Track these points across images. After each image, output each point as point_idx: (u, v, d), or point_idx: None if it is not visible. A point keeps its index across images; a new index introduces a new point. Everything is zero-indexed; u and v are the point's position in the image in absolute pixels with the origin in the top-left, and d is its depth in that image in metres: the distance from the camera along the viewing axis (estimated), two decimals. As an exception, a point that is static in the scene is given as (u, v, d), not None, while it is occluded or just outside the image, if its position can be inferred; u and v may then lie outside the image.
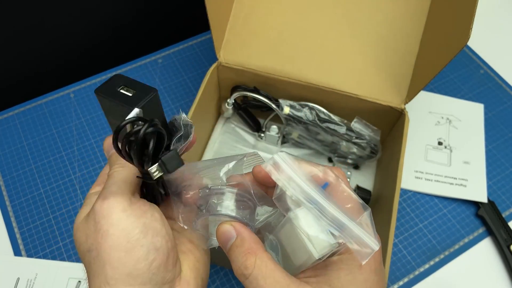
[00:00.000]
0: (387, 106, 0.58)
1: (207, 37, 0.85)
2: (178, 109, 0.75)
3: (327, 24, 0.62)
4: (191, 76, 0.79)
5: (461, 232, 0.64)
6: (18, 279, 0.58)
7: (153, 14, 0.89)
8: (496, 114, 0.76)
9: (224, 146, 0.68)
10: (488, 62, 0.83)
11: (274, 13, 0.63)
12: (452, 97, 0.77)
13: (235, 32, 0.63)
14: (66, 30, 0.80)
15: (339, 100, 0.61)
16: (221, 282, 0.58)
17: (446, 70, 0.81)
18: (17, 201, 0.65)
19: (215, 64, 0.62)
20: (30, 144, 0.70)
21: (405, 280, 0.59)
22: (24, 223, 0.63)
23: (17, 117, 0.73)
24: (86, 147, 0.70)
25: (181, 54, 0.82)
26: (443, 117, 0.75)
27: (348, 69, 0.60)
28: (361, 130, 0.58)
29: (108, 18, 0.83)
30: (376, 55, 0.60)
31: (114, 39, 0.88)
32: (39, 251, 0.61)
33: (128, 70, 0.80)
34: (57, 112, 0.74)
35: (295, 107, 0.60)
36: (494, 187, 0.68)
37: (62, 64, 0.85)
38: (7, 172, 0.67)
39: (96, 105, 0.75)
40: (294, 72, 0.61)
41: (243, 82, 0.64)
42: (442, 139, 0.72)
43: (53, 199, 0.65)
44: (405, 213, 0.65)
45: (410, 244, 0.62)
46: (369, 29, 0.61)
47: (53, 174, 0.67)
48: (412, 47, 0.59)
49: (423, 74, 0.56)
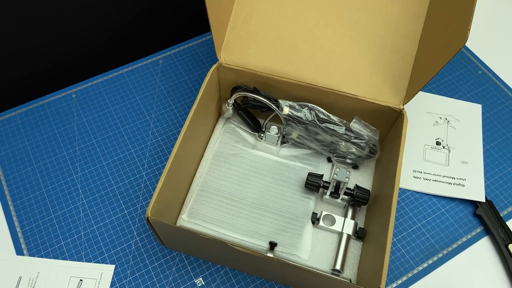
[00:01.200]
0: (385, 107, 0.59)
1: (207, 38, 0.85)
2: (178, 109, 0.75)
3: (327, 25, 0.62)
4: (191, 76, 0.80)
5: (459, 231, 0.64)
6: (20, 278, 0.59)
7: (154, 15, 0.89)
8: (493, 114, 0.76)
9: (224, 146, 0.69)
10: (486, 63, 0.83)
11: (274, 14, 0.64)
12: (450, 97, 0.78)
13: (235, 33, 0.64)
14: (68, 31, 0.80)
15: (338, 101, 0.61)
16: (221, 281, 0.59)
17: (444, 71, 0.82)
18: (19, 201, 0.65)
19: (216, 64, 0.62)
20: (32, 144, 0.71)
21: (404, 278, 0.60)
22: (26, 222, 0.63)
23: (19, 117, 0.74)
24: (87, 147, 0.71)
25: (182, 55, 0.83)
26: (441, 117, 0.75)
27: (347, 69, 0.61)
28: (360, 130, 0.59)
29: (110, 19, 0.84)
30: (375, 56, 0.61)
31: (115, 40, 0.89)
32: (41, 250, 0.61)
33: (129, 70, 0.80)
34: (59, 112, 0.75)
35: (294, 108, 0.61)
36: (492, 187, 0.68)
37: (64, 64, 0.86)
38: (9, 172, 0.68)
39: (98, 105, 0.76)
40: (294, 73, 0.61)
41: (243, 82, 0.65)
42: (440, 139, 0.73)
43: (55, 199, 0.65)
44: (403, 213, 0.65)
45: (408, 243, 0.63)
46: (368, 30, 0.62)
47: (55, 174, 0.68)
48: (410, 48, 0.60)
49: (421, 74, 0.56)
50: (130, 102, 0.76)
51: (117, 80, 0.79)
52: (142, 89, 0.78)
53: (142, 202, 0.66)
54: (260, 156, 0.68)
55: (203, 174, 0.66)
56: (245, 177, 0.65)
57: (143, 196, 0.66)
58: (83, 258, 0.61)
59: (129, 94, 0.77)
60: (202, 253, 0.59)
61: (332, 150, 0.65)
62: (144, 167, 0.69)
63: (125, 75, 0.80)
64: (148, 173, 0.68)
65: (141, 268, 0.60)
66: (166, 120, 0.74)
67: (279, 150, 0.69)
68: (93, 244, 0.62)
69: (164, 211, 0.55)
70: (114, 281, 0.59)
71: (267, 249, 0.59)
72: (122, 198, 0.66)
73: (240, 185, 0.65)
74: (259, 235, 0.60)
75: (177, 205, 0.62)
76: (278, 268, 0.52)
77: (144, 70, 0.81)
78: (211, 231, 0.61)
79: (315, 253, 0.60)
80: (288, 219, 0.62)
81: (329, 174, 0.67)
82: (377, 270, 0.48)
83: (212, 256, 0.59)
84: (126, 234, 0.63)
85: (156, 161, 0.70)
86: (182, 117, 0.75)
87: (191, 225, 0.61)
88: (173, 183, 0.56)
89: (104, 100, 0.76)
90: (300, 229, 0.61)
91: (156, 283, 0.59)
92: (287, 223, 0.62)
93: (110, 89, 0.78)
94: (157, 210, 0.51)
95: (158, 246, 0.62)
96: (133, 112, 0.75)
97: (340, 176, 0.59)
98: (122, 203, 0.65)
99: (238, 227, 0.61)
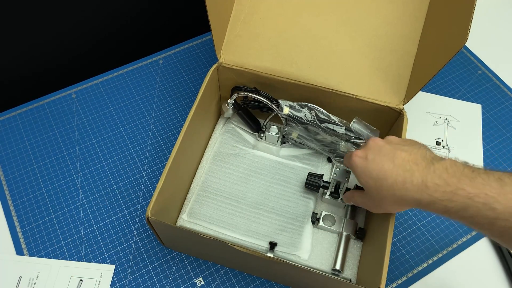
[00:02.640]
0: (385, 107, 0.59)
1: (207, 38, 0.85)
2: (178, 109, 0.75)
3: (327, 25, 0.62)
4: (191, 76, 0.80)
5: (459, 231, 0.64)
6: (20, 278, 0.59)
7: (154, 15, 0.89)
8: (493, 114, 0.76)
9: (224, 146, 0.69)
10: (486, 63, 0.83)
11: (274, 14, 0.64)
12: (450, 97, 0.78)
13: (235, 33, 0.64)
14: (68, 31, 0.80)
15: (338, 101, 0.61)
16: (221, 281, 0.59)
17: (444, 71, 0.82)
18: (19, 201, 0.65)
19: (216, 64, 0.62)
20: (32, 144, 0.71)
21: (404, 278, 0.60)
22: (26, 222, 0.63)
23: (19, 117, 0.74)
24: (87, 147, 0.71)
25: (182, 55, 0.83)
26: (441, 118, 0.75)
27: (347, 70, 0.61)
28: (360, 130, 0.59)
29: (110, 19, 0.84)
30: (375, 56, 0.61)
31: (115, 40, 0.89)
32: (41, 250, 0.61)
33: (130, 70, 0.80)
34: (59, 112, 0.75)
35: (294, 108, 0.61)
36: (491, 187, 0.68)
37: (64, 64, 0.86)
38: (9, 172, 0.68)
39: (98, 105, 0.76)
40: (294, 73, 0.61)
41: (243, 82, 0.65)
42: (440, 139, 0.73)
43: (55, 199, 0.65)
44: (403, 213, 0.65)
45: (408, 243, 0.63)
46: (368, 30, 0.62)
47: (55, 174, 0.68)
48: (410, 48, 0.60)
49: (421, 75, 0.56)
50: (130, 102, 0.76)
51: (117, 80, 0.79)
52: (142, 89, 0.78)
53: (142, 202, 0.66)
54: (260, 156, 0.68)
55: (203, 174, 0.66)
56: (245, 177, 0.65)
57: (143, 196, 0.66)
58: (83, 258, 0.61)
59: (129, 94, 0.77)
60: (202, 253, 0.59)
61: (332, 150, 0.65)
62: (144, 167, 0.69)
63: (125, 75, 0.80)
64: (148, 173, 0.68)
65: (141, 268, 0.60)
66: (166, 120, 0.74)
67: (279, 150, 0.69)
68: (93, 244, 0.62)
69: (164, 211, 0.55)
70: (114, 281, 0.59)
71: (267, 249, 0.59)
72: (122, 198, 0.66)
73: (240, 185, 0.65)
74: (259, 235, 0.60)
75: (177, 205, 0.62)
76: (278, 268, 0.52)
77: (144, 70, 0.81)
78: (211, 231, 0.61)
79: (315, 253, 0.60)
80: (288, 219, 0.62)
81: (329, 174, 0.67)
82: (377, 270, 0.48)
83: (212, 256, 0.59)
84: (126, 234, 0.63)
85: (156, 161, 0.70)
86: (182, 117, 0.75)
87: (191, 225, 0.61)
88: (173, 183, 0.56)
89: (104, 100, 0.76)
90: (300, 229, 0.61)
91: (156, 283, 0.59)
92: (287, 223, 0.62)
93: (110, 89, 0.78)
94: (157, 210, 0.51)
95: (158, 246, 0.62)
96: (133, 112, 0.75)
97: (340, 176, 0.59)
98: (122, 203, 0.65)
99: (238, 227, 0.61)
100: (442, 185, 0.39)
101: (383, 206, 0.47)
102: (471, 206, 0.37)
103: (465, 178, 0.38)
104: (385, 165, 0.43)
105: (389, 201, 0.44)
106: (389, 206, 0.46)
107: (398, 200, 0.43)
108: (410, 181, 0.41)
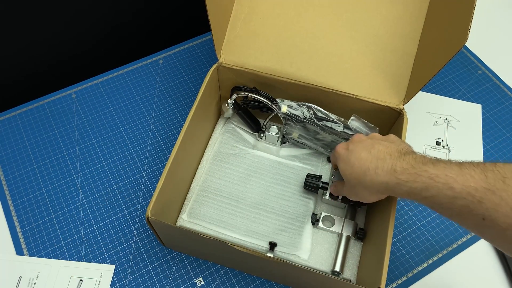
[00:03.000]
0: (385, 107, 0.59)
1: (207, 38, 0.85)
2: (178, 109, 0.75)
3: (327, 25, 0.62)
4: (191, 76, 0.80)
5: (459, 231, 0.64)
6: (20, 278, 0.59)
7: (154, 15, 0.89)
8: (493, 114, 0.76)
9: (224, 146, 0.69)
10: (486, 63, 0.83)
11: (274, 14, 0.64)
12: (450, 97, 0.78)
13: (235, 33, 0.64)
14: (68, 31, 0.80)
15: (338, 101, 0.61)
16: (221, 281, 0.59)
17: (444, 71, 0.82)
18: (19, 201, 0.65)
19: (216, 64, 0.62)
20: (32, 144, 0.71)
21: (404, 278, 0.60)
22: (26, 222, 0.63)
23: (19, 117, 0.74)
24: (87, 147, 0.71)
25: (182, 55, 0.83)
26: (441, 117, 0.75)
27: (347, 69, 0.61)
28: (358, 128, 0.59)
29: (110, 19, 0.84)
30: (375, 56, 0.61)
31: (115, 40, 0.89)
32: (41, 250, 0.61)
33: (130, 70, 0.80)
34: (59, 112, 0.75)
35: (292, 106, 0.61)
36: (492, 187, 0.68)
37: (64, 64, 0.86)
38: (9, 172, 0.68)
39: (98, 105, 0.76)
40: (294, 73, 0.61)
41: (243, 82, 0.65)
42: (440, 139, 0.73)
43: (55, 199, 0.65)
44: (403, 212, 0.65)
45: (408, 243, 0.63)
46: (368, 30, 0.62)
47: (55, 174, 0.68)
48: (410, 48, 0.60)
49: (421, 74, 0.56)
50: (130, 102, 0.76)
51: (117, 80, 0.79)
52: (142, 89, 0.78)
53: (142, 202, 0.66)
54: (260, 156, 0.68)
55: (203, 174, 0.66)
56: (245, 177, 0.65)
57: (143, 196, 0.66)
58: (83, 258, 0.61)
59: (129, 94, 0.77)
60: (202, 253, 0.59)
61: (332, 150, 0.65)
62: (144, 167, 0.69)
63: (125, 75, 0.80)
64: (148, 173, 0.68)
65: (141, 268, 0.60)
66: (166, 120, 0.74)
67: (279, 150, 0.69)
68: (93, 244, 0.62)
69: (164, 211, 0.55)
70: (114, 281, 0.59)
71: (267, 249, 0.59)
72: (122, 198, 0.66)
73: (240, 185, 0.65)
74: (259, 235, 0.60)
75: (177, 205, 0.62)
76: (278, 268, 0.52)
77: (144, 70, 0.81)
78: (211, 231, 0.61)
79: (315, 253, 0.60)
80: (288, 219, 0.62)
81: (329, 174, 0.67)
82: (377, 270, 0.48)
83: (212, 256, 0.59)
84: (126, 234, 0.63)
85: (156, 161, 0.70)
86: (182, 117, 0.75)
87: (191, 225, 0.61)
88: (173, 183, 0.56)
89: (104, 100, 0.76)
90: (300, 229, 0.61)
91: (156, 283, 0.59)
92: (287, 223, 0.62)
93: (110, 89, 0.78)
94: (157, 210, 0.51)
95: (158, 246, 0.62)
96: (133, 112, 0.75)
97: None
98: (122, 203, 0.65)
99: (238, 227, 0.61)
100: (408, 168, 0.43)
101: (358, 193, 0.51)
102: (432, 186, 0.40)
103: (429, 163, 0.42)
104: (362, 154, 0.48)
105: (362, 187, 0.48)
106: (361, 192, 0.50)
107: (369, 185, 0.47)
108: (381, 167, 0.45)
